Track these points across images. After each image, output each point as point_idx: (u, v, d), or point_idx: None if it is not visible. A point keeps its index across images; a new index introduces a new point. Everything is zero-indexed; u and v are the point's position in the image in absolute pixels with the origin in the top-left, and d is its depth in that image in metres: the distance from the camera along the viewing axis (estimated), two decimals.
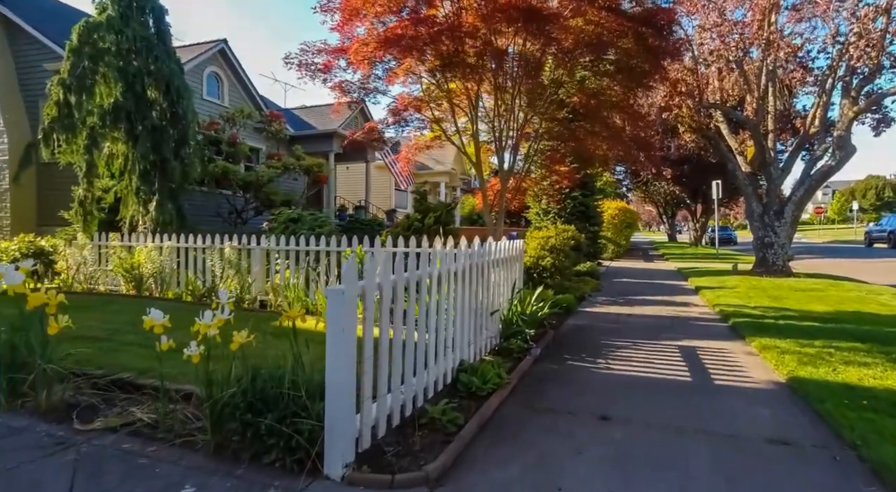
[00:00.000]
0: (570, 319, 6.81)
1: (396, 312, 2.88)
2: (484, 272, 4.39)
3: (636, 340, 5.47)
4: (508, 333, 4.93)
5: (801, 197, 11.59)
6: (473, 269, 4.10)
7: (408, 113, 7.10)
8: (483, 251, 4.41)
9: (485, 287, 4.44)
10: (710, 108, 12.85)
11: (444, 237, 6.20)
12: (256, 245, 7.06)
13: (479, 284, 4.32)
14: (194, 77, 13.09)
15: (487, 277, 4.51)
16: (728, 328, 6.20)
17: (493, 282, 4.72)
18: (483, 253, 4.41)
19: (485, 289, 4.45)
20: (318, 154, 17.35)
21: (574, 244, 10.57)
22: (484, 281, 4.41)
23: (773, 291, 9.16)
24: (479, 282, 4.28)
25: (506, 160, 7.43)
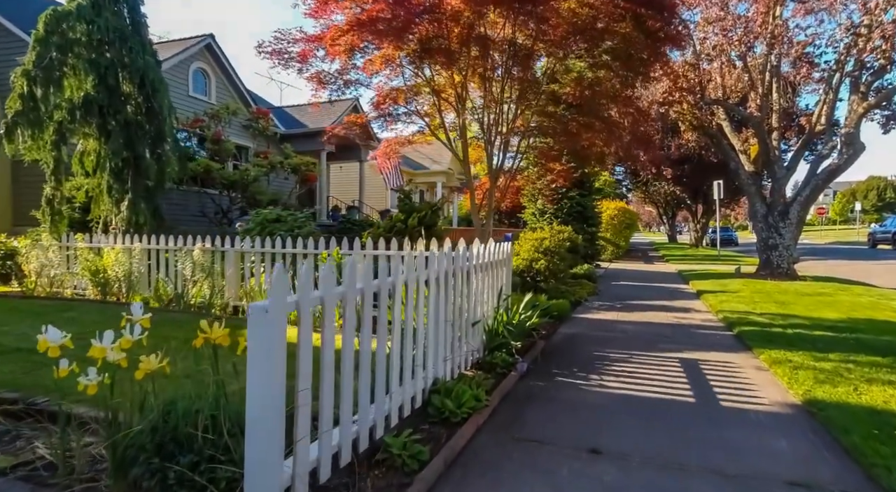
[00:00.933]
0: (563, 326, 6.37)
1: (346, 329, 2.44)
2: (463, 279, 3.96)
3: (633, 351, 5.03)
4: (493, 345, 4.49)
5: (807, 197, 11.15)
6: (450, 275, 3.66)
7: (388, 106, 6.65)
8: (463, 255, 3.97)
9: (465, 295, 4.01)
10: (712, 105, 12.41)
11: (427, 239, 5.76)
12: (230, 247, 6.64)
13: (458, 292, 3.89)
14: (180, 73, 12.67)
15: (468, 284, 4.08)
16: (733, 338, 5.75)
17: (475, 289, 4.29)
18: (463, 257, 3.97)
19: (465, 297, 4.01)
20: (309, 153, 16.93)
21: (570, 246, 10.14)
22: (463, 289, 3.98)
23: (779, 296, 8.71)
24: (457, 290, 3.85)
25: (495, 157, 6.97)
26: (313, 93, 6.95)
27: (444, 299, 3.57)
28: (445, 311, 3.62)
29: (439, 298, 3.50)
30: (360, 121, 7.40)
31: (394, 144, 7.49)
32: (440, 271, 3.52)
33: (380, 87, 6.63)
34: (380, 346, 2.77)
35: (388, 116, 6.92)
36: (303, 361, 2.06)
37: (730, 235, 34.59)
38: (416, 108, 6.83)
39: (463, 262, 3.96)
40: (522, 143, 7.66)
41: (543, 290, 8.20)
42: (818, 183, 10.97)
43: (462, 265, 3.94)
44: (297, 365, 2.05)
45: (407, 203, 6.42)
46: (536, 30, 5.59)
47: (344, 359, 2.40)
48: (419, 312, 3.24)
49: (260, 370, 1.88)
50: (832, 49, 10.84)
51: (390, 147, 7.53)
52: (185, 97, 12.77)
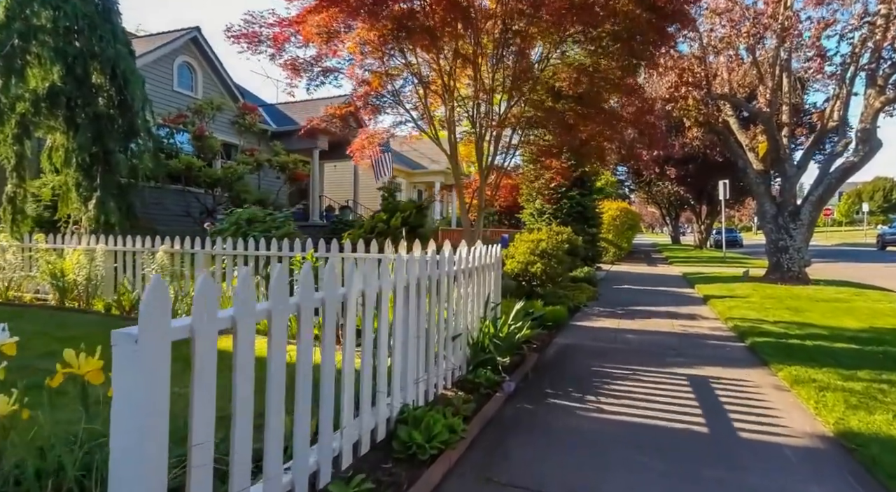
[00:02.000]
0: (559, 335, 5.85)
1: (272, 353, 1.93)
2: (441, 288, 3.45)
3: (636, 366, 4.51)
4: (477, 361, 3.99)
5: (820, 197, 10.60)
6: (423, 284, 3.16)
7: (369, 95, 6.13)
8: (444, 260, 3.47)
9: (443, 306, 3.51)
10: (719, 100, 11.87)
11: (408, 241, 5.26)
12: (200, 249, 6.15)
13: (435, 302, 3.39)
14: (164, 67, 12.21)
15: (447, 294, 3.58)
16: (746, 350, 5.23)
17: (456, 298, 3.79)
18: (445, 262, 3.47)
19: (443, 308, 3.51)
20: (302, 151, 16.45)
21: (569, 248, 9.62)
22: (441, 299, 3.47)
23: (792, 302, 8.18)
24: (433, 300, 3.34)
25: (486, 153, 6.45)
26: (288, 82, 6.45)
27: (416, 312, 3.07)
28: (418, 325, 3.11)
29: (410, 311, 3.00)
30: (339, 112, 6.90)
31: (372, 136, 6.92)
32: (411, 279, 3.02)
33: (353, 72, 6.10)
34: (325, 374, 2.26)
35: (367, 105, 6.38)
36: (197, 405, 1.55)
37: (734, 236, 33.98)
38: (399, 98, 6.31)
39: (442, 267, 3.46)
40: (515, 136, 7.11)
41: (540, 295, 7.70)
42: (832, 182, 10.42)
43: (440, 271, 3.43)
44: (190, 410, 1.54)
45: (390, 202, 5.93)
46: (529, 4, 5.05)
47: (270, 393, 1.89)
48: (380, 329, 2.73)
49: (127, 419, 1.38)
50: (847, 41, 10.29)
51: (368, 139, 6.97)
52: (169, 92, 12.31)
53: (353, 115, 7.01)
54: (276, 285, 1.94)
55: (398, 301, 2.85)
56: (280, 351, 1.94)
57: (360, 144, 7.10)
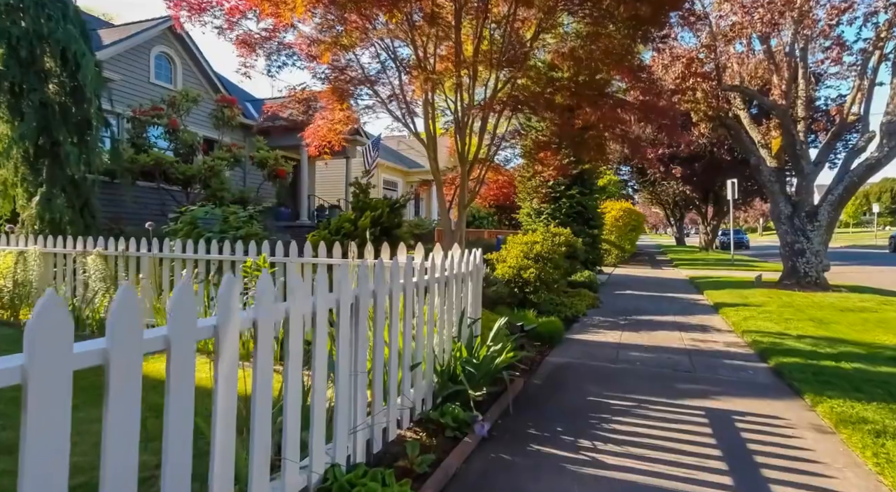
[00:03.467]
0: (553, 352, 5.10)
1: (109, 418, 1.26)
2: (394, 305, 2.71)
3: (642, 395, 3.76)
4: (445, 392, 3.24)
5: (840, 196, 9.80)
6: (364, 303, 2.42)
7: (338, 77, 5.38)
8: (394, 272, 2.73)
9: (396, 329, 2.76)
10: (730, 91, 11.08)
11: (377, 244, 4.52)
12: (146, 251, 5.43)
13: (386, 324, 2.65)
14: (139, 57, 11.51)
15: (401, 313, 2.84)
16: (771, 373, 4.46)
17: (419, 317, 3.04)
18: (394, 274, 2.73)
19: (397, 331, 2.77)
20: (289, 148, 15.75)
21: (568, 251, 8.86)
22: (395, 319, 2.73)
23: (814, 312, 7.39)
24: (379, 322, 2.60)
25: (469, 142, 5.66)
26: (242, 61, 5.67)
27: (349, 340, 2.33)
28: (354, 357, 2.37)
29: (341, 339, 2.26)
30: (299, 96, 6.12)
31: (330, 122, 6.04)
32: (342, 298, 2.27)
33: (302, 46, 5.32)
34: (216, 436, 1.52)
35: (329, 80, 5.57)
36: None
37: (741, 237, 33.13)
38: (368, 78, 5.52)
39: (395, 279, 2.71)
40: (503, 124, 6.30)
41: (534, 303, 6.95)
42: (853, 180, 9.62)
43: (391, 285, 2.69)
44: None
45: (361, 199, 5.19)
46: None
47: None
48: (287, 366, 1.98)
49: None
50: (871, 24, 9.50)
51: (328, 125, 6.11)
52: (145, 84, 11.61)
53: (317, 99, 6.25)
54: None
55: (317, 328, 2.10)
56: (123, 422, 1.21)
57: (317, 131, 6.20)
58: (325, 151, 6.21)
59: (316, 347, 2.09)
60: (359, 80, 5.52)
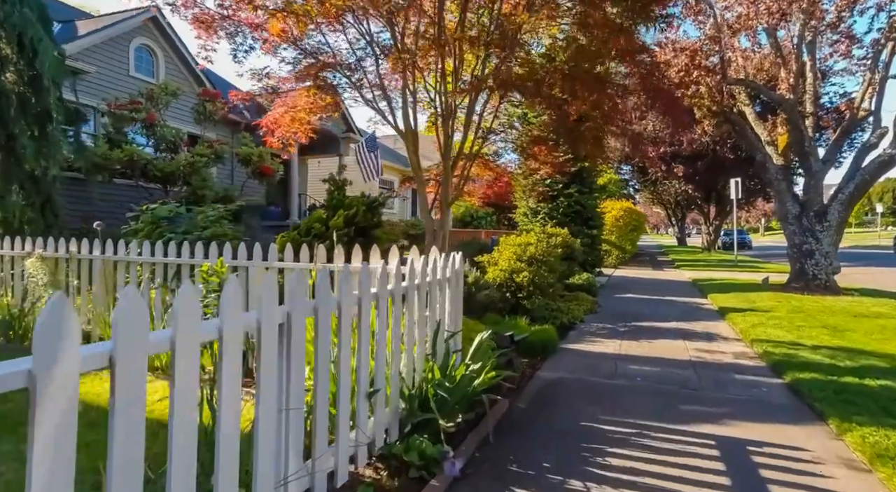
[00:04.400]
0: (545, 366, 4.64)
1: None
2: (343, 321, 2.25)
3: (643, 419, 3.29)
4: (414, 420, 2.78)
5: (850, 195, 9.32)
6: (297, 323, 1.95)
7: (314, 65, 4.88)
8: (344, 280, 2.27)
9: (346, 349, 2.30)
10: (736, 85, 10.61)
11: (348, 246, 4.06)
12: (99, 254, 4.96)
13: (341, 342, 2.19)
14: (117, 49, 11.04)
15: (354, 331, 2.38)
16: (786, 390, 3.99)
17: (378, 335, 2.58)
18: (344, 285, 2.27)
19: (347, 354, 2.30)
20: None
21: (565, 252, 8.39)
22: (345, 339, 2.27)
23: (827, 318, 6.92)
24: (328, 342, 2.13)
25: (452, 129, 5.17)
26: (201, 44, 5.18)
27: (277, 367, 1.86)
28: (286, 390, 1.91)
29: (264, 367, 1.79)
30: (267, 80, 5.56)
31: (291, 108, 5.43)
32: (266, 318, 1.80)
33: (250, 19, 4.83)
34: None
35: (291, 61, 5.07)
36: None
37: (743, 238, 32.64)
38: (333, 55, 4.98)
39: (342, 291, 2.25)
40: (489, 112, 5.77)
41: (527, 310, 6.48)
42: (865, 178, 9.14)
43: (338, 297, 2.23)
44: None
45: (335, 197, 4.73)
46: None
47: None
48: (175, 416, 1.51)
49: None
50: (886, 12, 9.03)
51: (289, 113, 5.51)
52: (124, 77, 11.15)
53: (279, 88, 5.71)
54: None
55: (224, 356, 1.63)
56: None
57: (277, 119, 5.61)
58: (289, 143, 5.70)
59: (223, 381, 1.63)
60: (325, 62, 5.01)
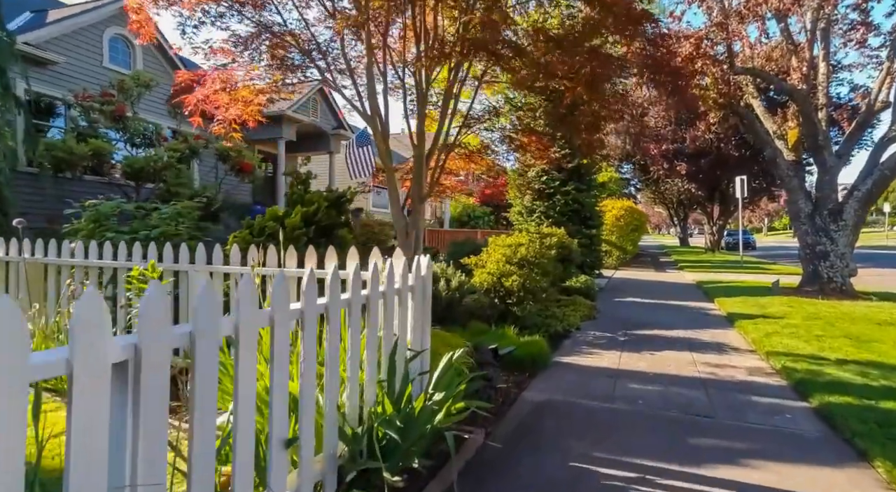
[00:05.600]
0: (533, 384, 4.05)
1: None
2: (241, 349, 1.66)
3: (645, 458, 2.70)
4: (357, 468, 2.19)
5: (868, 192, 8.71)
6: (150, 361, 1.36)
7: None
8: (244, 295, 1.68)
9: (246, 389, 1.70)
10: (744, 74, 10.00)
11: (292, 248, 3.47)
12: (26, 256, 4.38)
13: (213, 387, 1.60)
14: (89, 39, 10.48)
15: (262, 361, 1.79)
16: (816, 418, 3.39)
17: (304, 363, 2.00)
18: (243, 301, 1.68)
19: (248, 393, 1.71)
20: (266, 142, 14.75)
21: (561, 253, 7.80)
22: (243, 374, 1.68)
23: (847, 326, 6.32)
24: (201, 379, 1.54)
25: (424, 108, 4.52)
26: (134, 17, 4.45)
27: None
28: (132, 448, 1.32)
29: (88, 425, 1.20)
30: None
31: (223, 82, 4.62)
32: (91, 356, 1.21)
33: None
34: None
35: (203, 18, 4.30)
36: None
37: (748, 238, 32.03)
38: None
39: (241, 311, 1.66)
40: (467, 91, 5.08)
41: (517, 316, 5.90)
42: (884, 173, 8.53)
43: (239, 317, 1.64)
44: None
45: (297, 192, 4.16)
46: None
47: None
48: None
49: None
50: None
51: (228, 92, 4.72)
52: (98, 68, 10.58)
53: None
54: None
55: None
56: None
57: (207, 97, 4.75)
58: (232, 128, 5.06)
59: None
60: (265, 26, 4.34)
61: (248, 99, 4.59)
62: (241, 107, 4.57)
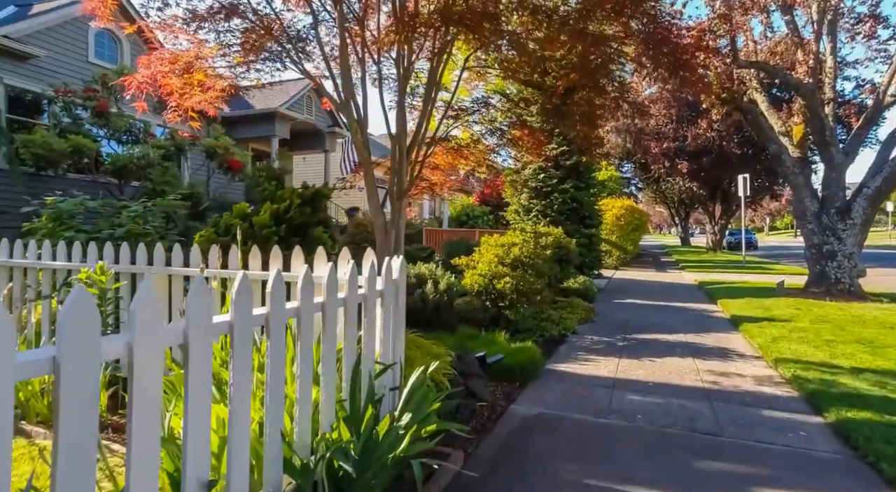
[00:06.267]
0: (523, 396, 3.73)
1: None
2: (146, 386, 1.34)
3: (645, 487, 2.38)
4: None
5: (877, 190, 8.38)
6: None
7: None
8: (142, 305, 1.41)
9: (149, 420, 1.39)
10: (748, 68, 9.67)
11: (256, 249, 3.15)
12: None
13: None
14: (74, 33, 10.18)
15: (177, 385, 1.48)
16: (833, 436, 3.06)
17: (233, 387, 1.68)
18: (142, 314, 1.37)
19: (148, 427, 1.40)
20: (259, 140, 14.46)
21: (558, 253, 7.49)
22: (142, 400, 1.36)
23: (858, 330, 5.99)
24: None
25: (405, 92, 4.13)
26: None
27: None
28: None
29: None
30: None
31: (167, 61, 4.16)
32: None
33: None
34: None
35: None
36: None
37: (750, 237, 31.67)
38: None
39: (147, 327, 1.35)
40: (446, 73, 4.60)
41: (510, 320, 5.58)
42: (894, 170, 8.19)
43: (142, 335, 1.33)
44: None
45: (267, 188, 3.84)
46: None
47: None
48: None
49: None
50: None
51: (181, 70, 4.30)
52: (82, 63, 10.29)
53: None
54: None
55: None
56: None
57: (154, 79, 4.30)
58: (189, 116, 4.69)
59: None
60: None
61: (206, 84, 4.23)
62: (198, 93, 4.22)
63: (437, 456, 2.50)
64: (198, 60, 4.01)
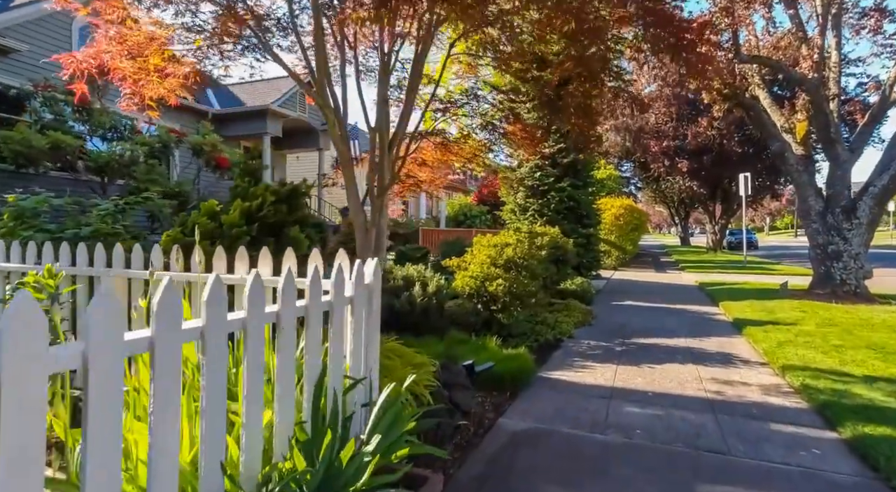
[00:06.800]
0: (513, 408, 3.47)
1: None
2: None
3: None
4: None
5: (884, 188, 8.12)
6: None
7: None
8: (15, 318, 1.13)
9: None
10: (750, 63, 9.41)
11: (221, 250, 2.89)
12: None
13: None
14: (57, 27, 9.91)
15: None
16: (850, 453, 2.81)
17: (157, 409, 1.41)
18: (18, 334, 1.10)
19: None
20: (250, 138, 14.20)
21: (554, 254, 7.23)
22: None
23: (867, 334, 5.73)
24: None
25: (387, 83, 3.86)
26: None
27: None
28: None
29: None
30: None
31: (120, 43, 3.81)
32: None
33: None
34: None
35: None
36: None
37: (751, 237, 31.40)
38: None
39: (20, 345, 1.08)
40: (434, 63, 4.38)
41: (503, 324, 5.32)
42: None
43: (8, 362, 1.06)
44: None
45: (241, 185, 3.59)
46: None
47: None
48: None
49: None
50: None
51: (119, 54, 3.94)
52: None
53: None
54: None
55: None
56: None
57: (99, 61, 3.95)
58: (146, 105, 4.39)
59: None
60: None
61: (165, 70, 3.93)
62: (155, 80, 3.92)
63: (414, 480, 2.24)
64: (152, 41, 3.73)
